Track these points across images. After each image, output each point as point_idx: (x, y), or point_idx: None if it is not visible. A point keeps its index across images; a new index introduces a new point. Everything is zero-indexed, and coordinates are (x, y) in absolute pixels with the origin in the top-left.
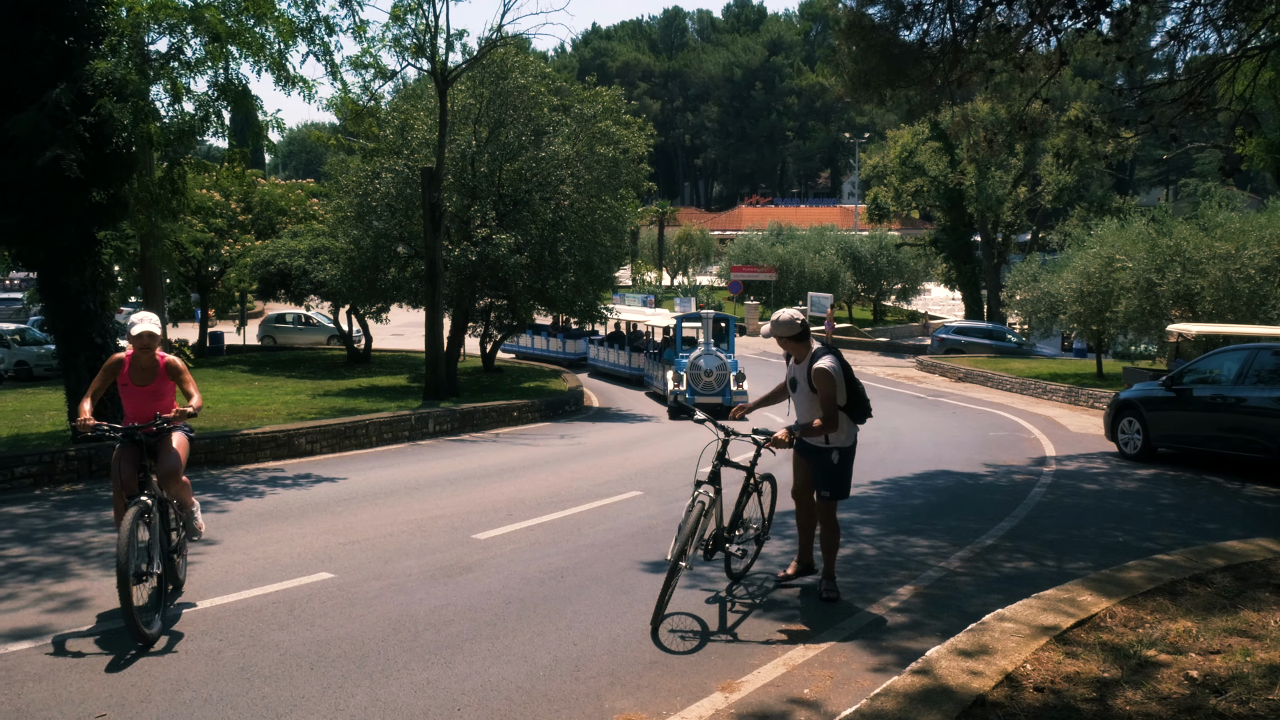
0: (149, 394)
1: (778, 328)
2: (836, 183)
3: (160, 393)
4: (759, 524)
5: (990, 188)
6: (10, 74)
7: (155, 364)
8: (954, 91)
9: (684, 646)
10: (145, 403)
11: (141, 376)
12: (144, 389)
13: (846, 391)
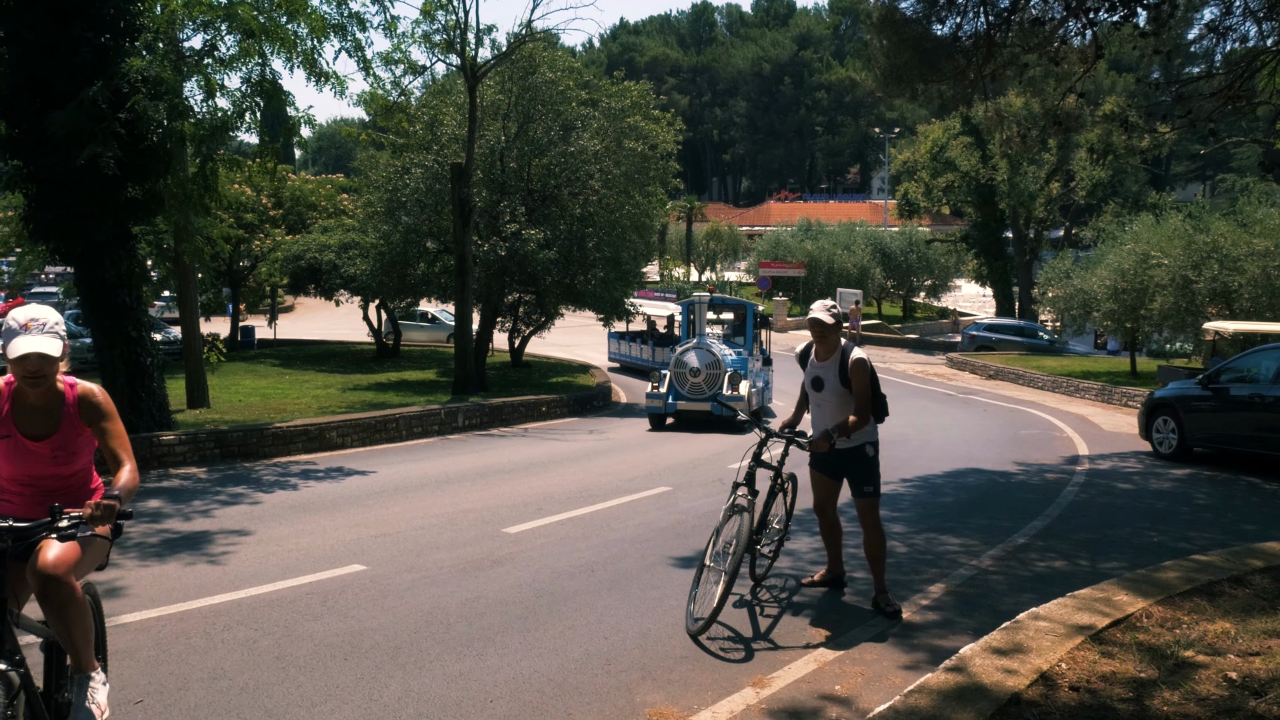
0: (45, 455)
1: (820, 314)
2: (866, 178)
3: (67, 452)
4: (781, 523)
5: (1023, 183)
6: (49, 71)
7: (57, 402)
8: (987, 86)
9: (714, 645)
10: (35, 469)
11: (31, 422)
12: (36, 446)
13: (870, 387)
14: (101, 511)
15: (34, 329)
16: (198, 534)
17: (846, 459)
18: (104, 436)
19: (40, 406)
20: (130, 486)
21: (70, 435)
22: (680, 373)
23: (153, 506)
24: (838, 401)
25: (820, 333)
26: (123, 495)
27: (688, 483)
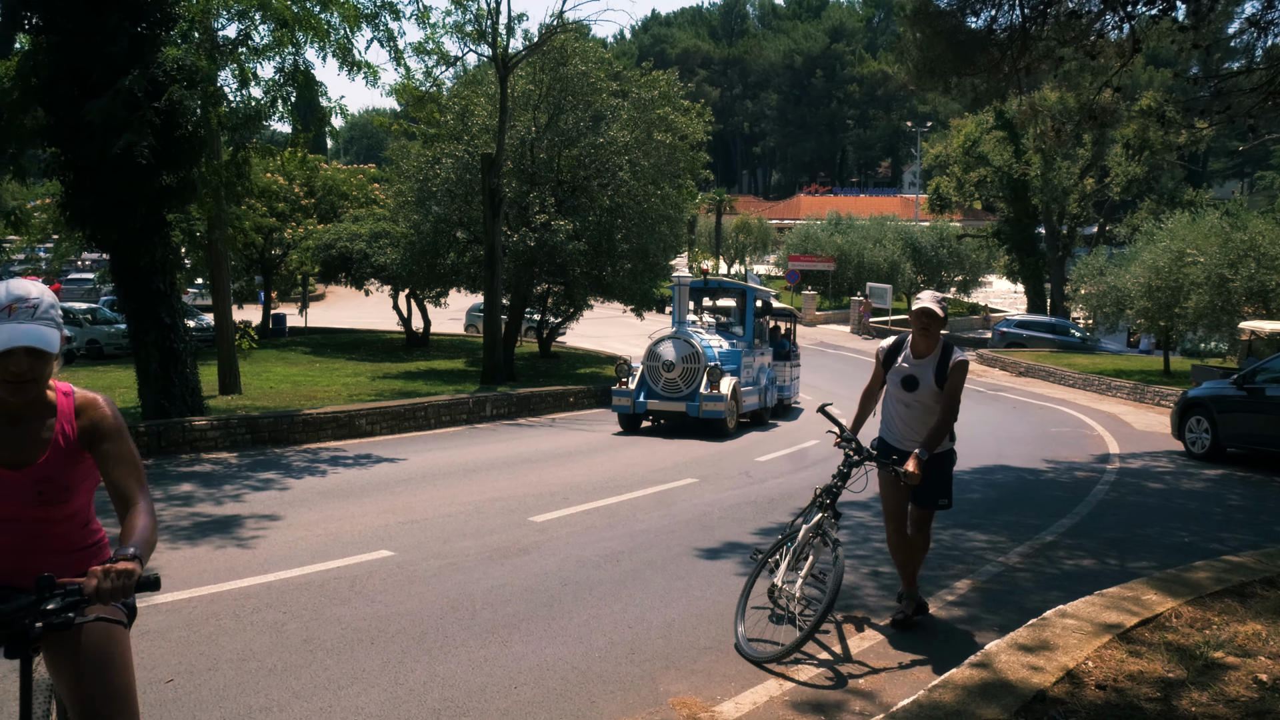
0: (24, 490)
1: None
2: (897, 172)
3: (56, 487)
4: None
5: (1056, 179)
6: (86, 60)
7: (45, 416)
8: (1021, 80)
9: None
10: (8, 510)
11: (7, 443)
12: (11, 477)
13: None
14: (114, 581)
15: (20, 313)
16: (228, 518)
17: (929, 467)
18: (110, 465)
19: (19, 421)
20: (149, 538)
21: (62, 463)
22: (653, 367)
23: (184, 490)
24: (930, 404)
25: (925, 325)
26: (142, 552)
27: (715, 475)
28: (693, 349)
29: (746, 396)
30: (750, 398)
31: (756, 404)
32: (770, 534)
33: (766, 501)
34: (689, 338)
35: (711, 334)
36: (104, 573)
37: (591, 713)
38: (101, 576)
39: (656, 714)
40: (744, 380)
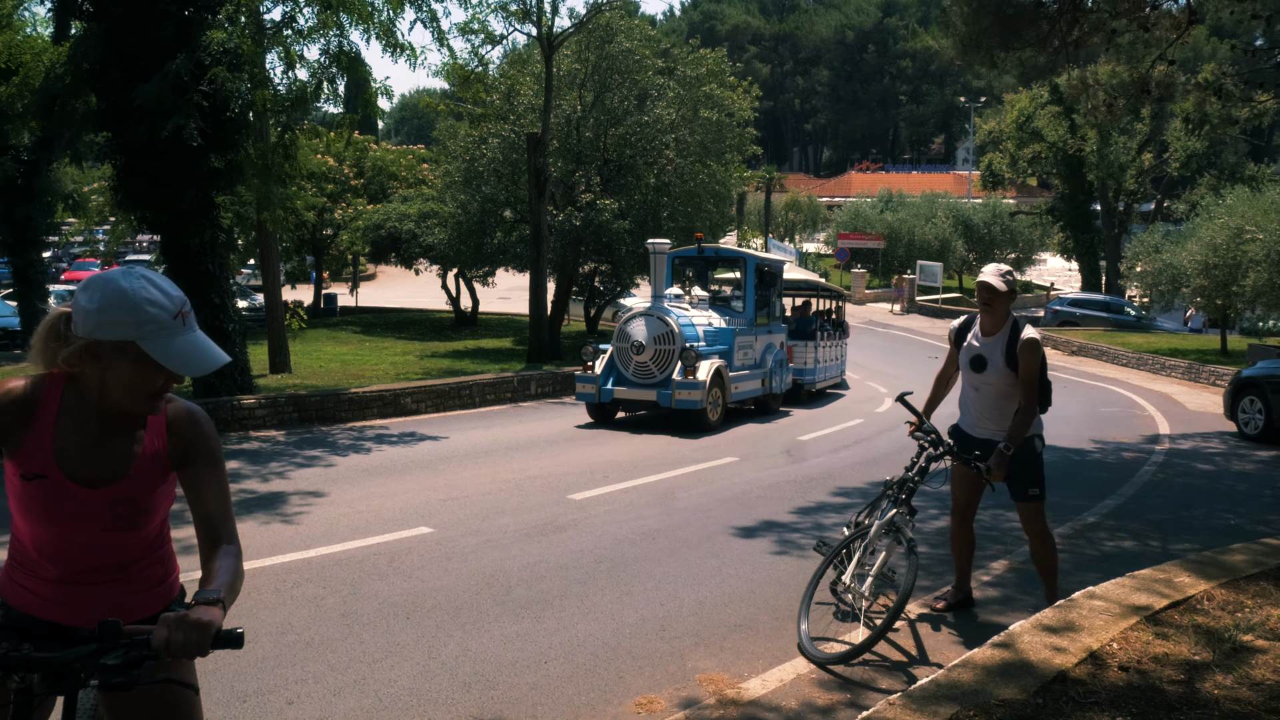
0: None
1: (991, 278)
2: (951, 148)
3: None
4: None
5: (1113, 154)
6: (134, 45)
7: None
8: (1071, 53)
9: (767, 615)
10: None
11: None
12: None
13: None
14: (188, 635)
15: (190, 319)
16: (274, 494)
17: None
18: (202, 492)
19: (104, 428)
20: (236, 584)
21: (146, 482)
22: (622, 348)
23: (232, 468)
24: (1002, 387)
25: (987, 300)
26: (227, 599)
27: (755, 454)
28: (667, 327)
29: (742, 382)
30: (748, 383)
31: (758, 390)
32: (808, 513)
33: (806, 481)
34: (664, 314)
35: (702, 309)
36: (177, 622)
37: (619, 688)
38: (174, 627)
39: (683, 690)
40: (738, 363)
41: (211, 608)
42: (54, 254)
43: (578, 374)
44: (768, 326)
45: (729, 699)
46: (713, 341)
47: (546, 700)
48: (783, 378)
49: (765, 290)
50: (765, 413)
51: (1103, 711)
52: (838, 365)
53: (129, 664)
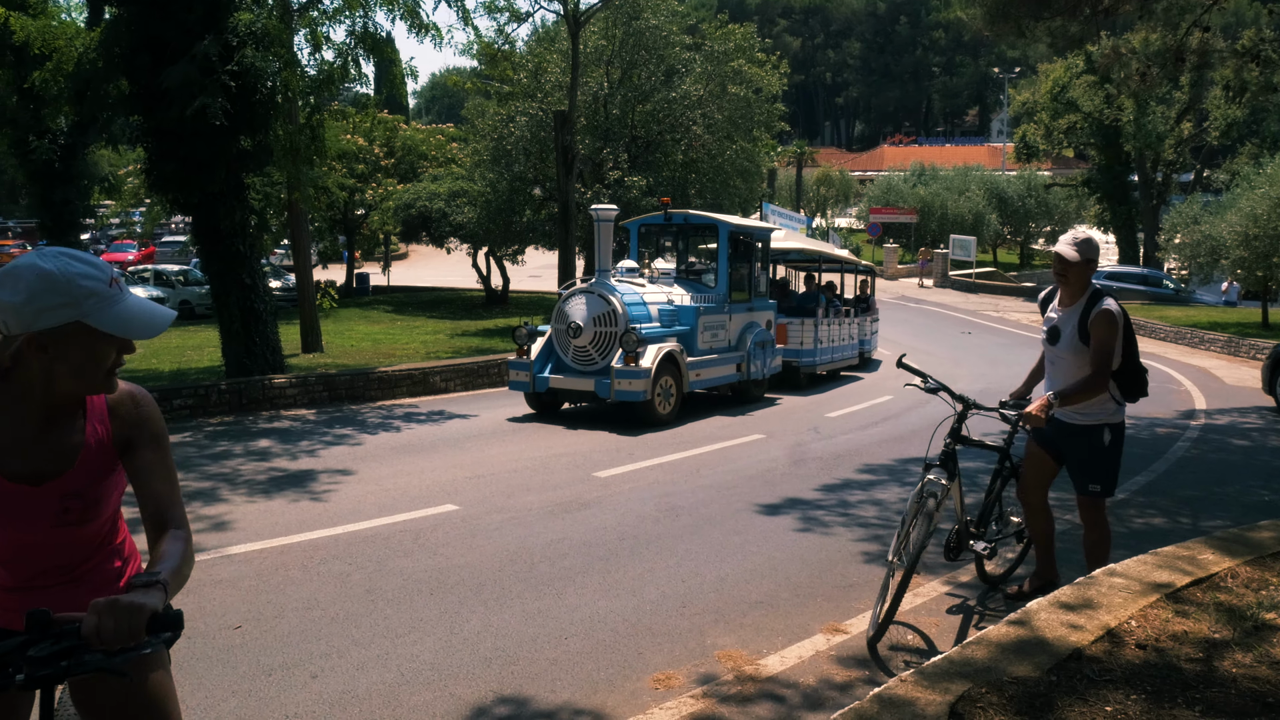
0: (48, 507)
1: (1062, 248)
2: (985, 120)
3: (85, 501)
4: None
5: (1150, 123)
6: (163, 29)
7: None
8: (1103, 21)
9: (787, 593)
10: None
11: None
12: (33, 493)
13: (1123, 353)
14: (119, 620)
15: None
16: (303, 472)
17: (1074, 440)
18: (148, 477)
19: (46, 421)
20: (182, 568)
21: (93, 473)
22: (559, 330)
23: (263, 446)
24: (1075, 361)
25: (1061, 270)
26: (169, 581)
27: (782, 430)
28: (609, 306)
29: (708, 367)
30: (716, 368)
31: (732, 375)
32: (834, 490)
33: (833, 458)
34: (607, 291)
35: (664, 284)
36: (108, 607)
37: (638, 664)
38: (105, 613)
39: (702, 666)
40: (703, 345)
41: (148, 590)
42: (92, 236)
43: (510, 360)
44: (748, 303)
45: (747, 675)
46: (669, 322)
47: (566, 675)
48: (766, 361)
49: (744, 262)
50: (744, 401)
51: (1117, 689)
52: (850, 346)
53: (57, 655)
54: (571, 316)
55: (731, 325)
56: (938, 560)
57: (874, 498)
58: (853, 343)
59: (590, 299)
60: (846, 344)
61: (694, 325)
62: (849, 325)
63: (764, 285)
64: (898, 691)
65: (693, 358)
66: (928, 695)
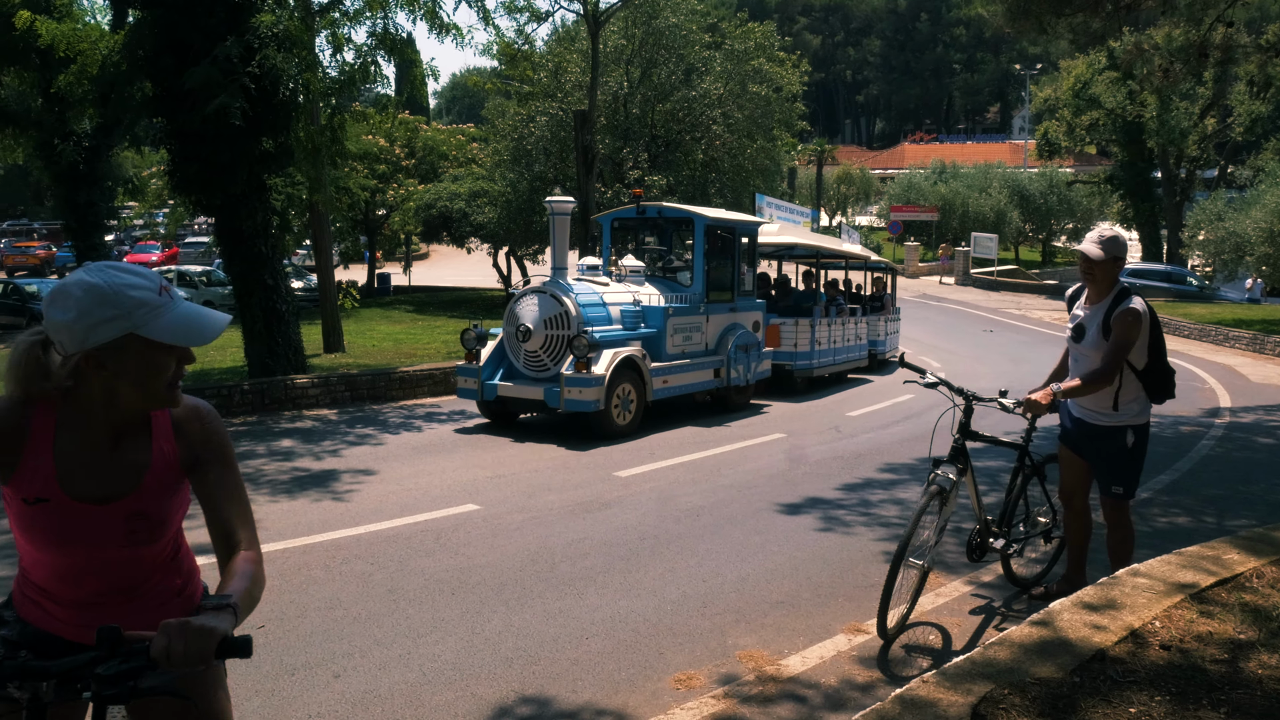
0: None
1: (1086, 246)
2: (1006, 118)
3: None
4: (1050, 518)
5: (1174, 119)
6: (186, 31)
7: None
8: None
9: (808, 593)
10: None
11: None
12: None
13: (1149, 353)
14: (189, 643)
15: (169, 290)
16: (326, 472)
17: (1098, 441)
18: (217, 497)
19: (112, 440)
20: (253, 590)
21: (159, 493)
22: (509, 333)
23: (285, 446)
24: (1098, 359)
25: (1087, 268)
26: (240, 604)
27: (803, 430)
28: (561, 308)
29: (678, 373)
30: (689, 374)
31: (709, 381)
32: (854, 490)
33: (854, 457)
34: (560, 291)
35: (633, 283)
36: (179, 629)
37: (659, 664)
38: (175, 635)
39: (723, 666)
40: (672, 349)
41: (220, 613)
42: (116, 237)
43: (459, 365)
44: (730, 302)
45: (768, 675)
46: (633, 324)
47: (587, 675)
48: (751, 365)
49: (725, 258)
50: (726, 410)
51: (1141, 690)
52: (856, 348)
53: (125, 674)
54: (521, 319)
55: (709, 327)
56: (960, 560)
57: (895, 497)
58: (859, 344)
59: (542, 299)
60: (852, 345)
61: (662, 327)
62: (855, 326)
63: (750, 283)
64: (919, 692)
65: (660, 363)
66: (950, 696)
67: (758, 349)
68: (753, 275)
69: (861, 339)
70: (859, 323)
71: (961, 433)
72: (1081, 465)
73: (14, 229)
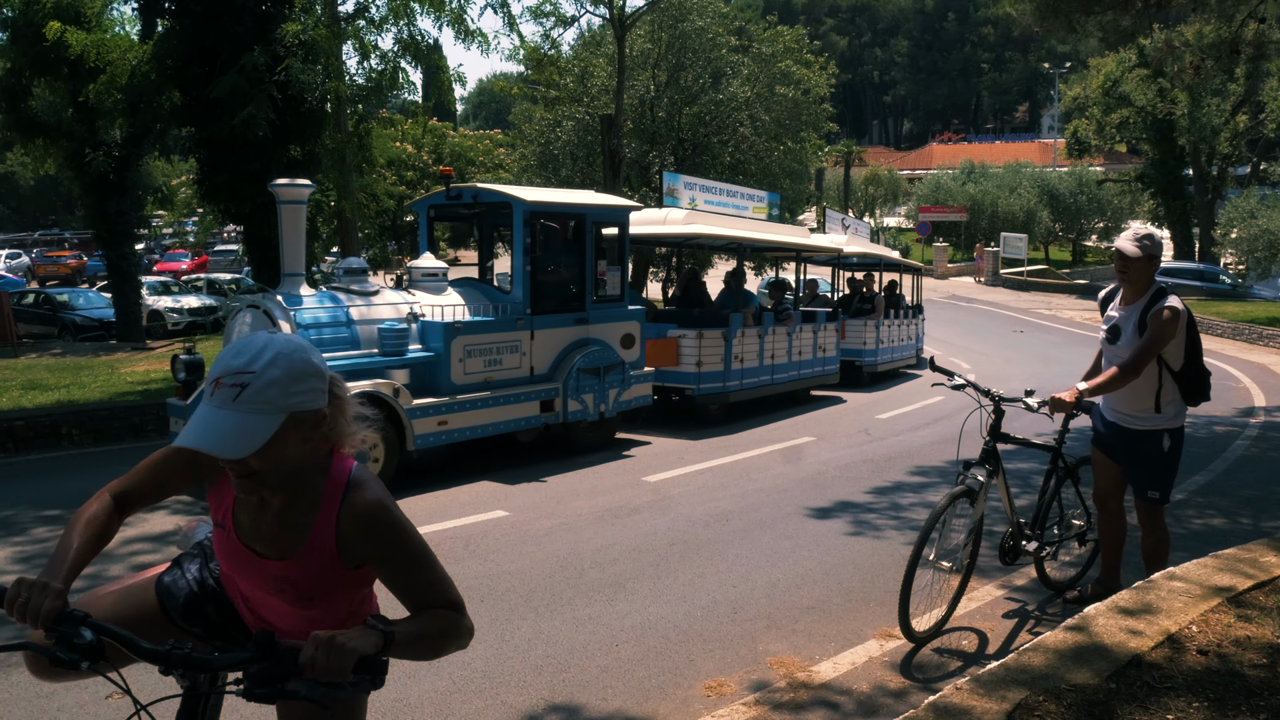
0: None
1: (1123, 244)
2: (1035, 117)
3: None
4: (1082, 517)
5: (1205, 117)
6: (214, 40)
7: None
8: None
9: (839, 597)
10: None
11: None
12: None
13: (1185, 354)
14: (328, 657)
15: (222, 392)
16: None
17: (1132, 445)
18: (389, 583)
19: (284, 504)
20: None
21: (312, 570)
22: None
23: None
24: None
25: (1122, 267)
26: (399, 633)
27: (832, 433)
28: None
29: (469, 410)
30: (496, 409)
31: (529, 418)
32: (885, 493)
33: (884, 460)
34: (274, 307)
35: (425, 290)
36: (326, 643)
37: (689, 671)
38: (320, 647)
39: (754, 673)
40: (463, 378)
41: (367, 634)
42: (146, 246)
43: (170, 401)
44: (577, 313)
45: (800, 682)
46: (395, 347)
47: (617, 683)
48: (612, 391)
49: (571, 254)
50: (572, 452)
51: (1179, 696)
52: (811, 362)
53: (272, 677)
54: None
55: (535, 345)
56: (992, 563)
57: (926, 500)
58: (816, 357)
59: (255, 317)
60: (804, 360)
61: (444, 350)
62: (804, 336)
63: (619, 287)
64: (953, 699)
65: (439, 397)
66: (984, 703)
67: (624, 370)
68: (621, 276)
69: (822, 351)
70: (812, 332)
71: (992, 435)
72: (1115, 468)
73: (45, 238)
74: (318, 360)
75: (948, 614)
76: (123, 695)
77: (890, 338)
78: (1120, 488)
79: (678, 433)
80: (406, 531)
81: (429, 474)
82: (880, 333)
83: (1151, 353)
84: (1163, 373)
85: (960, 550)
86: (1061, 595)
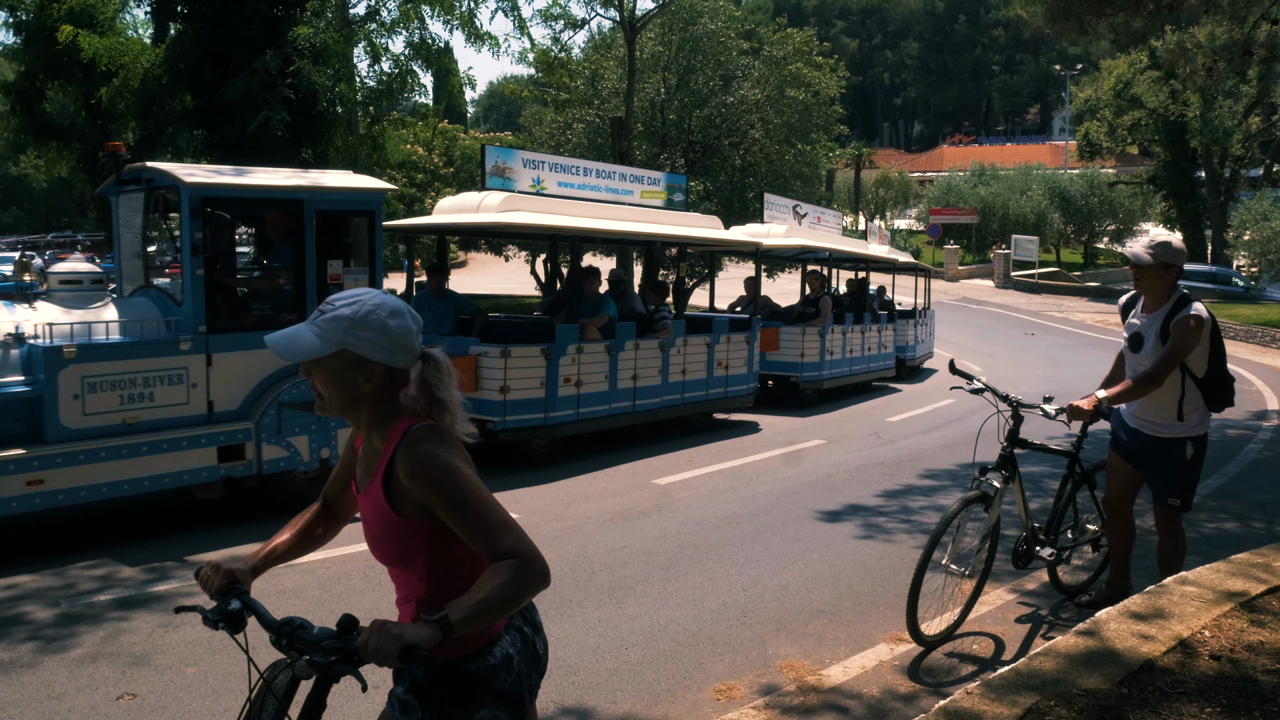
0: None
1: (1133, 251)
2: (1046, 119)
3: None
4: (1099, 525)
5: (1217, 118)
6: (227, 44)
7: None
8: (1166, 16)
9: (850, 601)
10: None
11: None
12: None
13: (1209, 361)
14: (378, 644)
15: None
16: None
17: (1155, 453)
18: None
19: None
20: (489, 597)
21: (374, 512)
22: None
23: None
24: None
25: (1136, 276)
26: (455, 618)
27: (842, 436)
28: None
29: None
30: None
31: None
32: (895, 496)
33: (894, 463)
34: None
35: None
36: (379, 629)
37: (699, 674)
38: (375, 632)
39: (763, 676)
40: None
41: (422, 627)
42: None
43: None
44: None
45: (809, 686)
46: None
47: (626, 686)
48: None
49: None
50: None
51: (1191, 702)
52: (721, 381)
53: (336, 654)
54: None
55: (216, 374)
56: (1005, 568)
57: (937, 504)
58: (713, 376)
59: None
60: (692, 379)
61: (53, 385)
62: (692, 350)
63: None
64: (963, 704)
65: (46, 448)
66: (995, 708)
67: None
68: (372, 279)
69: (732, 366)
70: (726, 343)
71: (1010, 441)
72: (1131, 474)
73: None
74: (395, 324)
75: (960, 619)
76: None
77: (845, 347)
78: (1133, 493)
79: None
80: (458, 478)
81: None
82: (826, 342)
83: (1174, 362)
84: (1185, 380)
85: (974, 555)
86: (1074, 599)
